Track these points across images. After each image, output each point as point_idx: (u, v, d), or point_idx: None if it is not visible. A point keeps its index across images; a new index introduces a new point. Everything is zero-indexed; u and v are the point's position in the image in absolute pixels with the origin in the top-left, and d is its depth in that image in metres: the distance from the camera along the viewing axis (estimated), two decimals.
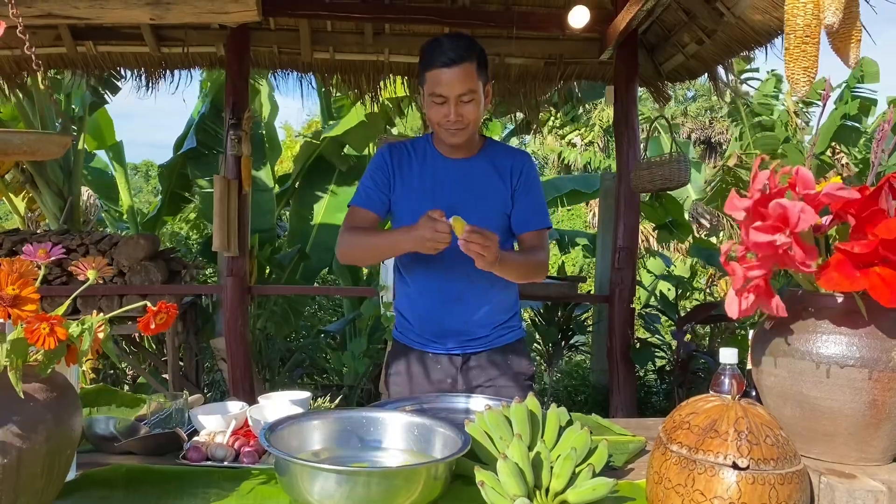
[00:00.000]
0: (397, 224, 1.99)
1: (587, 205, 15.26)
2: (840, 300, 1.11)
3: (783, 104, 8.02)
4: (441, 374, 2.01)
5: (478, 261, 1.70)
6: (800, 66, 1.25)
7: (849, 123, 6.39)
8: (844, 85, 6.99)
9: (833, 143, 6.36)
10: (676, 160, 3.62)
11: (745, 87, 6.73)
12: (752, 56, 3.79)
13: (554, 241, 7.33)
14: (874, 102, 6.99)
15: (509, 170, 1.98)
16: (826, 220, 1.11)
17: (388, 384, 2.09)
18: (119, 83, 5.18)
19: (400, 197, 1.98)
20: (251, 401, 1.56)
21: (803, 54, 1.24)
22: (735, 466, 0.97)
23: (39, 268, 1.01)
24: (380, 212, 1.99)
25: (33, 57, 1.47)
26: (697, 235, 7.00)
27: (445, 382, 2.00)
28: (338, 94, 4.77)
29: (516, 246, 2.05)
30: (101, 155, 7.84)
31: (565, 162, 17.28)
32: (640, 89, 4.38)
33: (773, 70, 7.95)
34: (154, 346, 5.84)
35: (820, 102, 1.33)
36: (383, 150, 2.02)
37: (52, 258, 1.03)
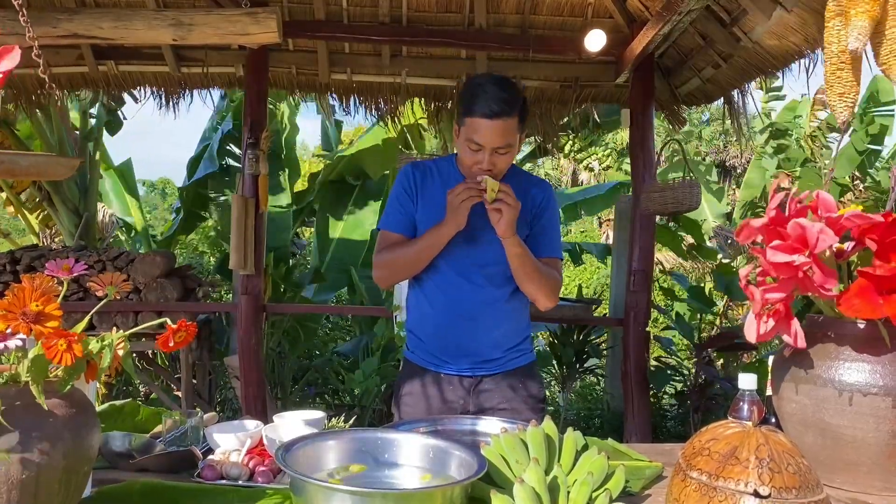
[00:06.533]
0: None
1: (600, 227, 15.24)
2: (862, 327, 1.10)
3: (801, 127, 7.99)
4: (452, 395, 2.00)
5: (502, 221, 1.76)
6: (835, 93, 1.25)
7: (870, 147, 6.32)
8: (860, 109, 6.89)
9: (854, 172, 6.29)
10: (690, 184, 3.63)
11: (770, 105, 6.69)
12: (777, 76, 3.78)
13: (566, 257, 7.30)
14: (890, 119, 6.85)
15: (531, 196, 1.99)
16: (848, 245, 1.10)
17: (398, 404, 2.07)
18: (128, 100, 5.23)
19: (422, 216, 1.98)
20: (263, 419, 1.56)
21: (839, 80, 1.25)
22: (756, 494, 0.96)
23: (61, 284, 1.02)
24: (409, 233, 1.99)
25: (47, 79, 1.50)
26: (720, 259, 6.94)
27: (457, 404, 1.99)
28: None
29: None
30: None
31: (581, 183, 17.29)
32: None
33: (804, 95, 7.89)
34: (167, 364, 5.86)
35: (840, 127, 1.33)
36: (406, 170, 2.03)
37: (75, 274, 1.04)
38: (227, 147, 6.61)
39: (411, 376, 2.05)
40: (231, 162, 6.65)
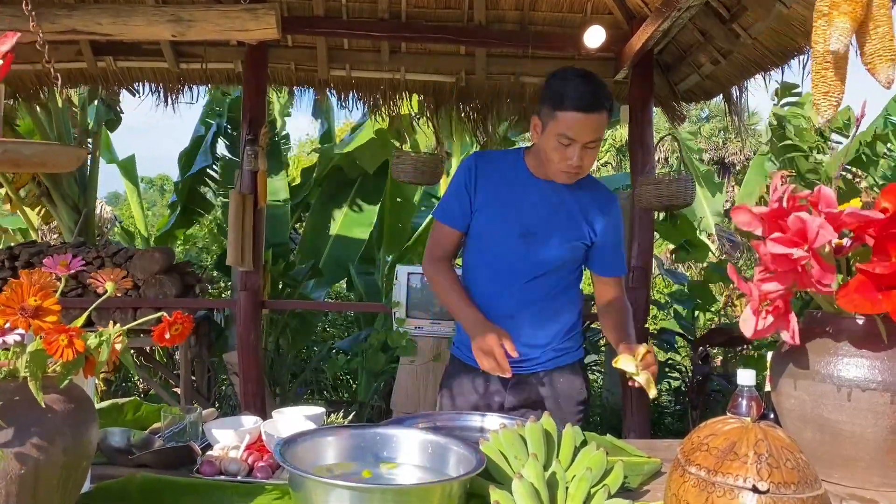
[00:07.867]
0: (473, 232, 2.00)
1: None
2: (861, 322, 1.10)
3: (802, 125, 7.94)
4: (491, 390, 2.00)
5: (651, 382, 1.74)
6: (820, 92, 1.25)
7: (867, 151, 6.25)
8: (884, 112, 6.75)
9: (853, 169, 6.24)
10: (683, 179, 3.62)
11: (785, 109, 6.62)
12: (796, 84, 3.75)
13: None
14: None
15: (597, 208, 1.98)
16: (847, 241, 1.10)
17: (440, 397, 2.10)
18: (129, 96, 5.22)
19: (480, 207, 1.98)
20: (262, 415, 1.56)
21: (823, 80, 1.24)
22: (755, 490, 0.96)
23: (59, 280, 1.02)
24: (461, 228, 2.01)
25: (52, 70, 1.50)
26: (718, 256, 6.92)
27: (493, 400, 2.00)
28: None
29: (587, 279, 2.09)
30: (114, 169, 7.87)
31: None
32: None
33: (807, 93, 7.77)
34: (166, 360, 5.86)
35: (843, 131, 1.33)
36: (469, 162, 2.02)
37: (72, 270, 1.03)
38: (219, 142, 6.60)
39: (456, 371, 2.07)
40: (221, 156, 6.64)
